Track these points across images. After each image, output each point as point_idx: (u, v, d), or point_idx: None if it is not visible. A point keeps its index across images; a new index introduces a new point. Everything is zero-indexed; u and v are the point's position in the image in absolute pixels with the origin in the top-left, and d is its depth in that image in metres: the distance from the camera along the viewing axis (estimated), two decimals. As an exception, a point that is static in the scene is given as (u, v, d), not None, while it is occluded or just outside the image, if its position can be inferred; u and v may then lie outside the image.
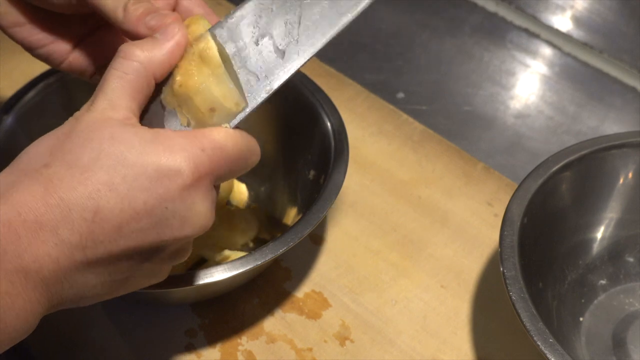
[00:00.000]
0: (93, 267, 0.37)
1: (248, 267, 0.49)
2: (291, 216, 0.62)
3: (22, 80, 0.61)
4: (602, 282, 0.58)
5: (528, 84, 0.82)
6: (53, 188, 0.36)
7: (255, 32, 0.41)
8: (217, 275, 0.49)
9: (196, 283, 0.48)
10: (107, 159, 0.37)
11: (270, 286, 0.60)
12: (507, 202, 0.53)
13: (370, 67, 0.82)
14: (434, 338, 0.57)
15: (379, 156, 0.70)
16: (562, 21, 0.84)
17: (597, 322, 0.57)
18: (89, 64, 0.49)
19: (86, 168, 0.36)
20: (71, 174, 0.36)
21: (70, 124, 0.39)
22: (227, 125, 0.41)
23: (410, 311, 0.59)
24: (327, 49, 0.42)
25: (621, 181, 0.58)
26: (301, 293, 0.60)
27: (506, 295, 0.48)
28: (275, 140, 0.63)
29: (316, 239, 0.63)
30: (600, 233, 0.59)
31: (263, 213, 0.64)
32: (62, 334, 0.56)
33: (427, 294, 0.60)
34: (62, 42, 0.48)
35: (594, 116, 0.77)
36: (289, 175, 0.63)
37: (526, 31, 0.85)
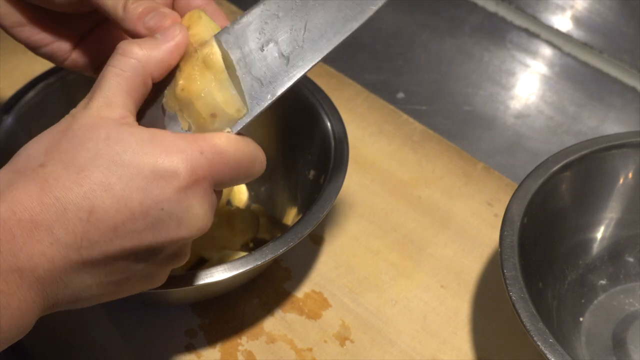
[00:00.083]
0: (88, 268, 0.37)
1: (248, 267, 0.49)
2: (291, 216, 0.62)
3: (22, 80, 0.61)
4: (602, 282, 0.58)
5: (528, 84, 0.82)
6: (49, 187, 0.36)
7: (260, 38, 0.41)
8: (217, 275, 0.49)
9: (196, 283, 0.48)
10: (103, 159, 0.37)
11: (270, 286, 0.60)
12: (507, 202, 0.53)
13: (370, 67, 0.82)
14: (434, 338, 0.57)
15: (379, 156, 0.70)
16: (562, 21, 0.84)
17: (597, 322, 0.57)
18: (92, 60, 0.49)
19: (82, 168, 0.36)
20: (67, 173, 0.36)
21: (67, 121, 0.39)
22: (229, 130, 0.41)
23: (410, 311, 0.59)
24: (327, 49, 0.42)
25: (621, 181, 0.58)
26: (301, 293, 0.60)
27: (506, 295, 0.48)
28: (275, 140, 0.63)
29: (316, 239, 0.63)
30: (600, 233, 0.59)
31: (263, 213, 0.64)
32: (62, 334, 0.56)
33: (427, 294, 0.60)
34: (64, 40, 0.48)
35: (594, 116, 0.77)
36: (289, 175, 0.63)
37: (526, 31, 0.85)
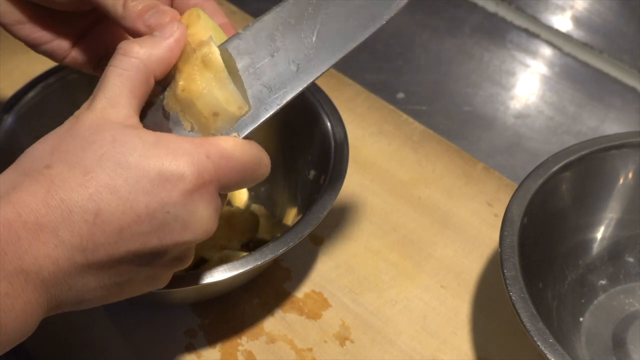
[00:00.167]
0: (93, 270, 0.37)
1: (248, 267, 0.49)
2: (291, 216, 0.62)
3: (22, 80, 0.61)
4: (602, 282, 0.58)
5: (528, 84, 0.82)
6: (54, 189, 0.36)
7: (271, 45, 0.41)
8: (217, 275, 0.49)
9: (196, 283, 0.48)
10: (109, 161, 0.37)
11: (270, 286, 0.60)
12: (507, 202, 0.53)
13: (370, 67, 0.82)
14: (434, 338, 0.57)
15: (379, 156, 0.70)
16: (562, 21, 0.84)
17: (597, 322, 0.57)
18: (92, 57, 0.50)
19: (88, 170, 0.36)
20: (73, 175, 0.36)
21: (71, 123, 0.39)
22: (236, 134, 0.41)
23: (410, 311, 0.59)
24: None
25: (621, 181, 0.58)
26: (301, 293, 0.60)
27: (506, 295, 0.48)
28: (275, 140, 0.63)
29: (316, 239, 0.63)
30: (600, 233, 0.59)
31: (263, 213, 0.64)
32: (62, 334, 0.56)
33: (427, 294, 0.60)
34: (64, 38, 0.48)
35: (594, 116, 0.77)
36: (289, 175, 0.63)
37: (526, 31, 0.85)
